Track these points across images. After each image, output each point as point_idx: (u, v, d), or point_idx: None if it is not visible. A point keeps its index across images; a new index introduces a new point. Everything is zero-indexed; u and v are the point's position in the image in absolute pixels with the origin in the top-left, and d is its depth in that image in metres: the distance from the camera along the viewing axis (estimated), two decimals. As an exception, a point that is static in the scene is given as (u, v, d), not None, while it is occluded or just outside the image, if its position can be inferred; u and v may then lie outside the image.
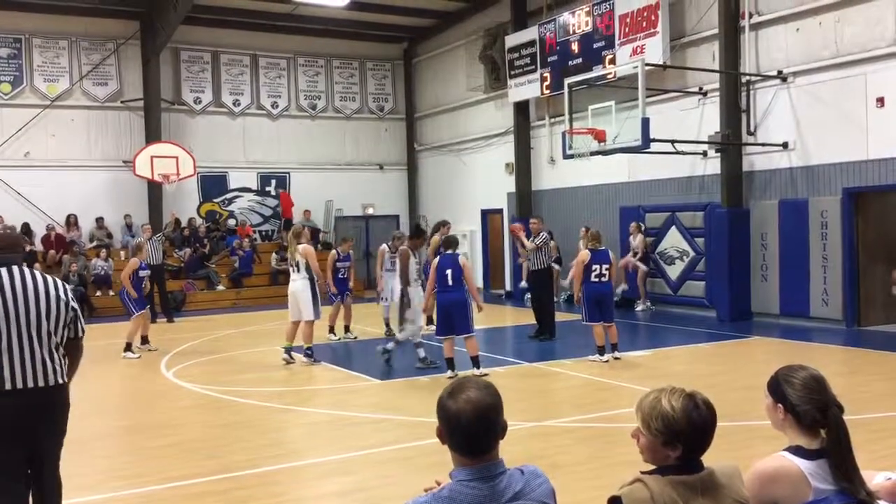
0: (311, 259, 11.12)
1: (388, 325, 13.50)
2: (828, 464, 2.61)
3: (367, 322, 14.51)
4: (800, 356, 10.34)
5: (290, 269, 11.43)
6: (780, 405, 2.73)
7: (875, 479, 2.80)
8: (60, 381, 4.40)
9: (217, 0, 20.22)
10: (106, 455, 7.11)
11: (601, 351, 10.67)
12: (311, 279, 11.13)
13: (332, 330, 13.63)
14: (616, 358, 10.71)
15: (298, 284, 11.15)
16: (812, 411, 2.64)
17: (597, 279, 10.71)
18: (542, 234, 13.14)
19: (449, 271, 9.88)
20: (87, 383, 10.69)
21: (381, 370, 10.90)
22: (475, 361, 9.84)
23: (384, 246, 13.97)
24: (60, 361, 4.39)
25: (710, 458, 2.51)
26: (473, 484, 2.32)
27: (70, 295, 4.44)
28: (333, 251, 13.85)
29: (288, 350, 11.29)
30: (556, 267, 17.11)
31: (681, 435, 2.40)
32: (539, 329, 12.96)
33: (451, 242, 10.42)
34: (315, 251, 15.29)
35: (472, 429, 2.33)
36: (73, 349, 4.50)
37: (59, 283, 4.43)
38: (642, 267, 16.23)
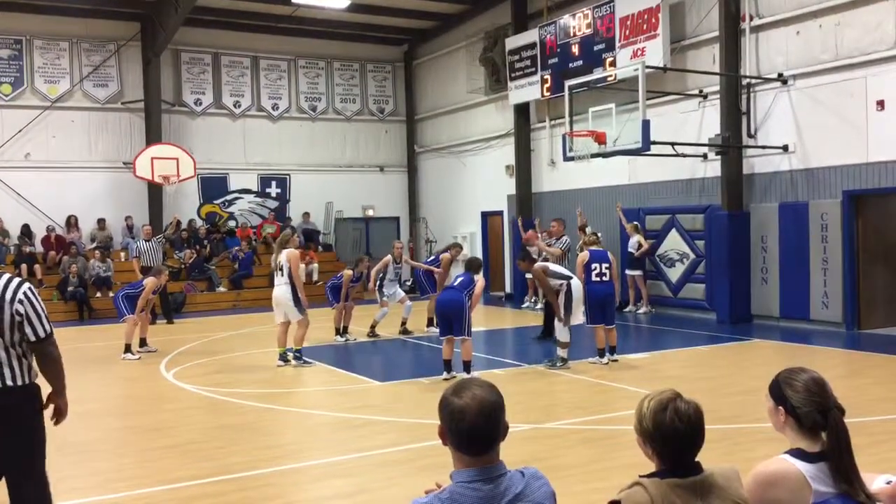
0: (293, 266, 11.09)
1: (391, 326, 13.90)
2: (828, 467, 2.61)
3: (359, 323, 14.51)
4: (800, 359, 10.34)
5: (275, 274, 11.38)
6: (780, 408, 2.73)
7: (875, 482, 2.80)
8: (15, 383, 4.09)
9: (218, 2, 20.24)
10: (105, 457, 7.11)
11: (601, 353, 10.67)
12: (294, 284, 11.10)
13: (338, 332, 13.69)
14: (613, 360, 10.70)
15: (282, 289, 11.15)
16: (812, 413, 2.64)
17: (598, 278, 10.65)
18: (564, 238, 13.07)
19: (460, 279, 10.01)
20: (86, 385, 10.70)
21: (380, 372, 10.88)
22: (466, 366, 9.81)
23: (388, 257, 14.10)
24: (15, 364, 4.10)
25: (710, 461, 2.52)
26: (474, 485, 2.33)
27: (18, 295, 4.06)
28: (349, 271, 13.73)
29: (283, 356, 11.28)
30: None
31: (650, 436, 2.47)
32: (543, 331, 12.97)
33: (475, 266, 10.44)
34: (315, 253, 15.08)
35: (477, 426, 2.33)
36: (38, 356, 4.19)
37: (12, 282, 4.10)
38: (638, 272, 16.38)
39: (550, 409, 8.49)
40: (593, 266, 10.69)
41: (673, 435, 2.44)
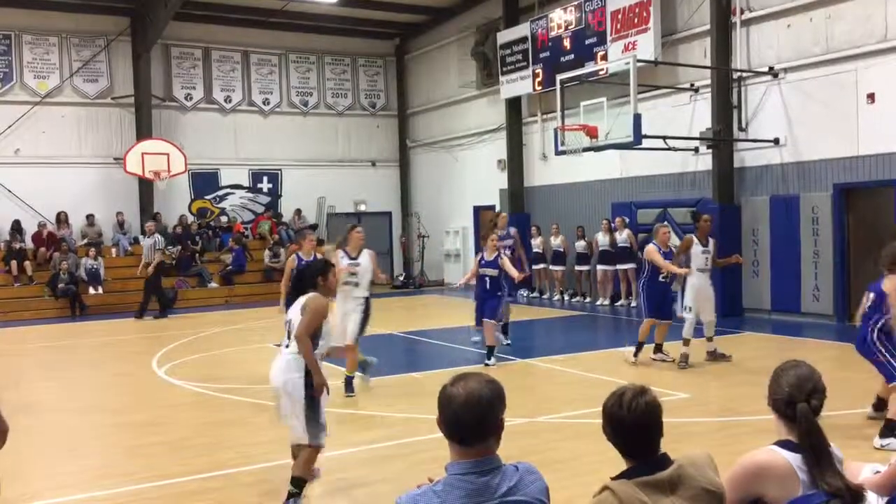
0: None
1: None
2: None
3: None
4: (791, 352, 10.38)
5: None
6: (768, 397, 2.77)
7: (863, 471, 2.81)
8: None
9: (208, -4, 20.17)
10: (96, 453, 7.09)
11: (639, 347, 10.27)
12: None
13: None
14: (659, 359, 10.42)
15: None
16: (780, 403, 2.68)
17: (663, 279, 10.30)
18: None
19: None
20: (77, 381, 10.68)
21: (373, 367, 10.85)
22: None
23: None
24: None
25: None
26: (468, 478, 2.34)
27: None
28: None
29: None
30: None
31: (604, 428, 2.53)
32: None
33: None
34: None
35: (461, 415, 2.36)
36: None
37: None
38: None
39: (544, 403, 8.50)
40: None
41: (619, 425, 2.48)
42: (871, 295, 6.86)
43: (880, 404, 7.08)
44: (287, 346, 5.50)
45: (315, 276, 5.55)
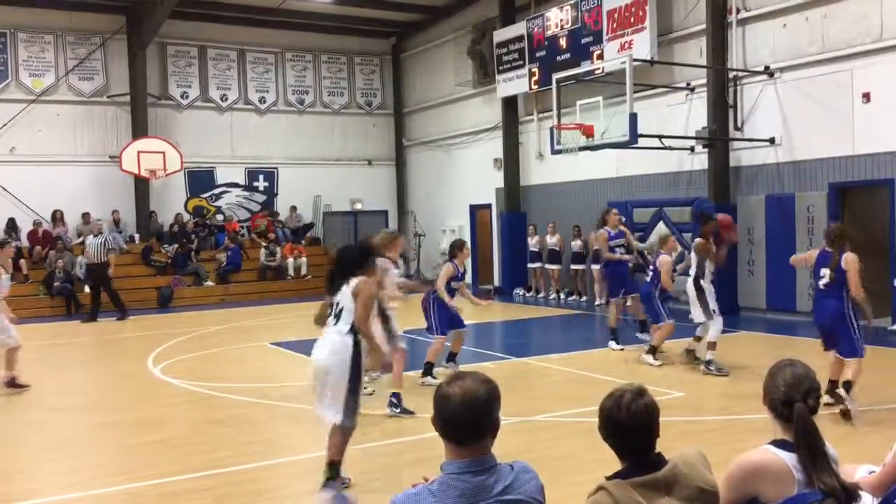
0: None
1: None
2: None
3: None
4: (786, 351, 10.40)
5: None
6: (764, 395, 2.77)
7: (858, 472, 2.82)
8: None
9: (204, -6, 20.13)
10: (92, 452, 7.08)
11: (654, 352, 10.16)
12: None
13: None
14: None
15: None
16: (777, 403, 2.68)
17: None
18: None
19: None
20: (72, 380, 10.66)
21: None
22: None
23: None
24: None
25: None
26: (464, 477, 2.34)
27: None
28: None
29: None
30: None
31: (600, 428, 2.53)
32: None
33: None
34: (304, 248, 14.16)
35: (457, 414, 2.36)
36: None
37: None
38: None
39: (538, 402, 8.50)
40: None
41: (616, 427, 2.48)
42: None
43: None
44: (335, 325, 5.52)
45: (359, 258, 5.64)
